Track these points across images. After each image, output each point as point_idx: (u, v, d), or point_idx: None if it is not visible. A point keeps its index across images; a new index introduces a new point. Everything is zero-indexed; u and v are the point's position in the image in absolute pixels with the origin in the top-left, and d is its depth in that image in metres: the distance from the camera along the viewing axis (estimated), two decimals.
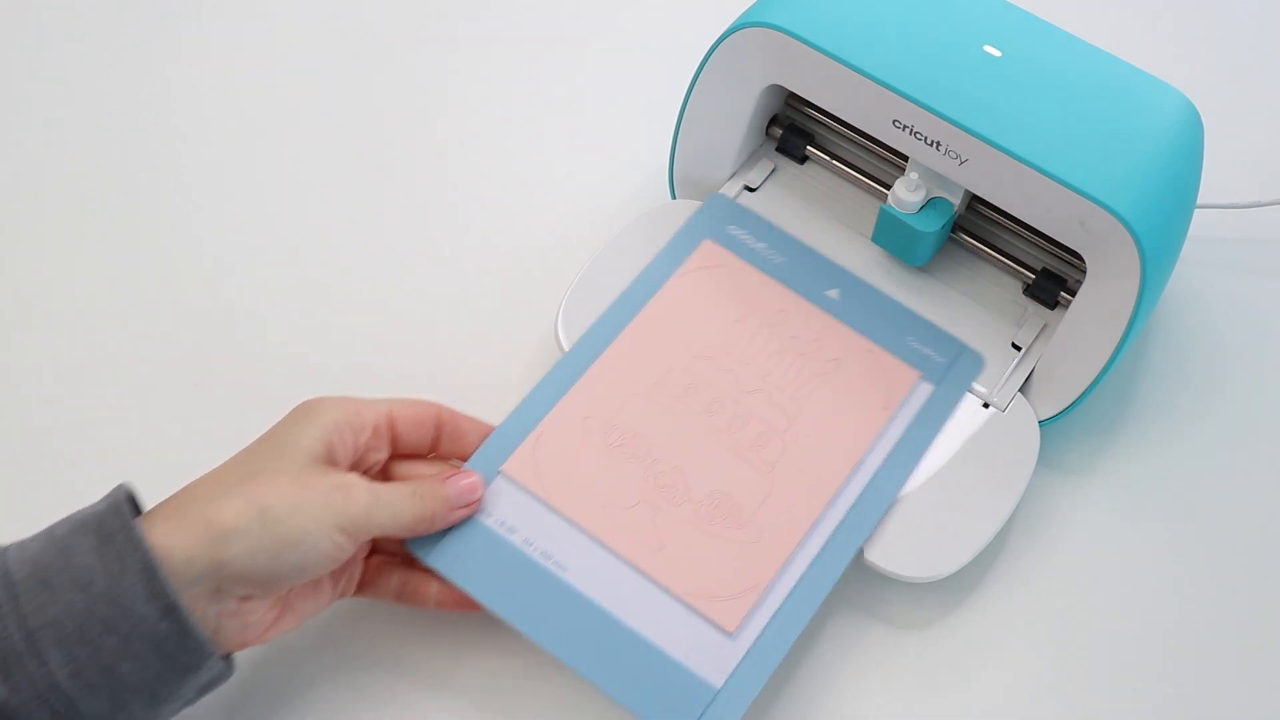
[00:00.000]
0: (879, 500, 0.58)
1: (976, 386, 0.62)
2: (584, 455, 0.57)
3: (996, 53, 0.60)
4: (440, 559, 0.54)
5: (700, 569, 0.55)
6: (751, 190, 0.69)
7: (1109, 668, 0.59)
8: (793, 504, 0.57)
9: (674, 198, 0.70)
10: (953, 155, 0.60)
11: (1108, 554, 0.62)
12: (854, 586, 0.60)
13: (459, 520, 0.55)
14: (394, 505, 0.52)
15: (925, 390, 0.61)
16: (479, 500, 0.55)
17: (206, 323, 0.68)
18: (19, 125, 0.75)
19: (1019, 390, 0.62)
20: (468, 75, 0.78)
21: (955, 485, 0.59)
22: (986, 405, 0.62)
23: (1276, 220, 0.73)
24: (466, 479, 0.55)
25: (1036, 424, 0.61)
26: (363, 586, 0.56)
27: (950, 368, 0.62)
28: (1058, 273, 0.65)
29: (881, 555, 0.57)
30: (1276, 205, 0.72)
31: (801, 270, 0.64)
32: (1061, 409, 0.62)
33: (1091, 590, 0.61)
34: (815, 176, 0.70)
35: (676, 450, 0.58)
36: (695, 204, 0.68)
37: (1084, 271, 0.60)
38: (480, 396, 0.60)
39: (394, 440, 0.55)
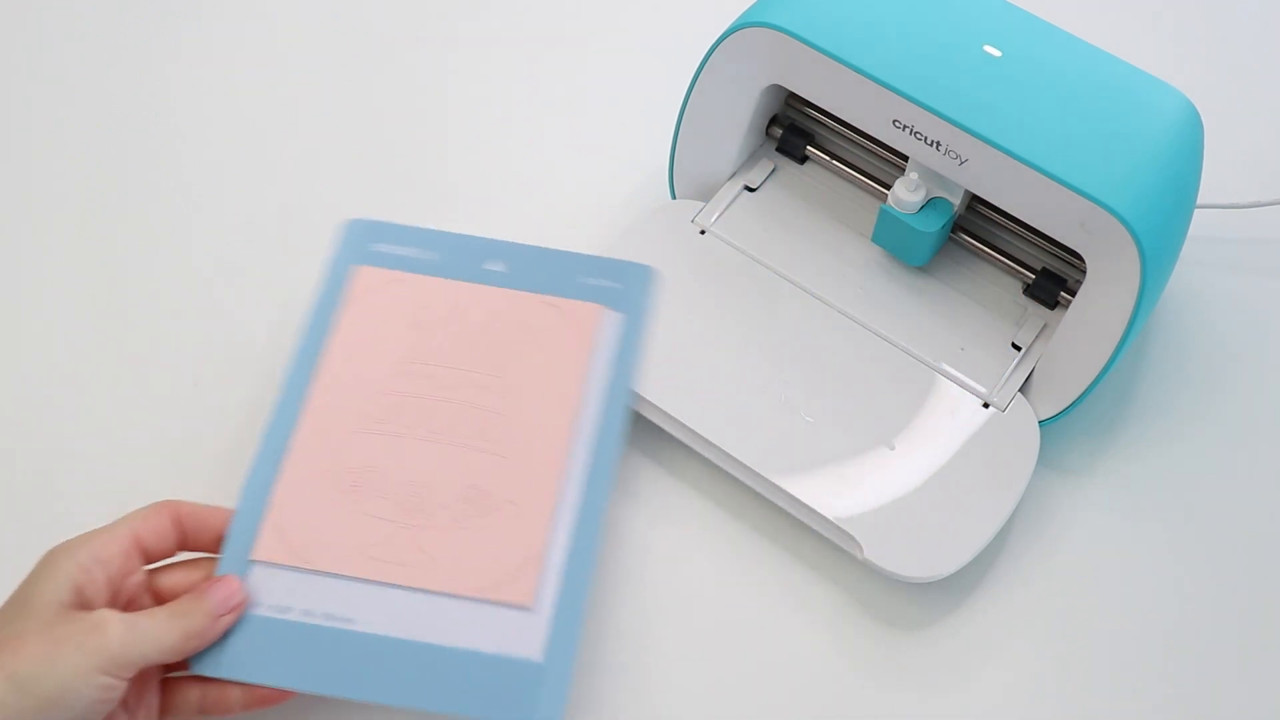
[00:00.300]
0: (614, 425, 0.59)
1: (974, 385, 0.62)
2: (326, 511, 0.56)
3: (996, 53, 0.60)
4: (230, 667, 0.53)
5: (476, 563, 0.55)
6: (751, 190, 0.69)
7: (1109, 667, 0.59)
8: (535, 468, 0.58)
9: (674, 198, 0.70)
10: (953, 155, 0.60)
11: (1108, 554, 0.62)
12: (854, 586, 0.60)
13: (228, 626, 0.53)
14: (154, 632, 0.50)
15: (614, 318, 0.61)
16: (244, 601, 0.53)
17: (207, 322, 0.68)
18: (19, 125, 0.75)
19: (1019, 390, 0.62)
20: (468, 75, 0.78)
21: (955, 485, 0.59)
22: (986, 405, 0.62)
23: (1276, 220, 0.73)
24: (225, 586, 0.53)
25: (1036, 424, 0.61)
26: (164, 712, 0.54)
27: (628, 288, 0.62)
28: (1058, 273, 0.65)
29: (881, 555, 0.57)
30: (1276, 205, 0.72)
31: (457, 257, 0.63)
32: (1061, 409, 0.62)
33: (1091, 590, 0.61)
34: (815, 176, 0.70)
35: (410, 468, 0.58)
36: (696, 204, 0.68)
37: (1084, 271, 0.60)
38: None
39: (144, 555, 0.53)
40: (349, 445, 0.58)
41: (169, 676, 0.54)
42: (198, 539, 0.55)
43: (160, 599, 0.54)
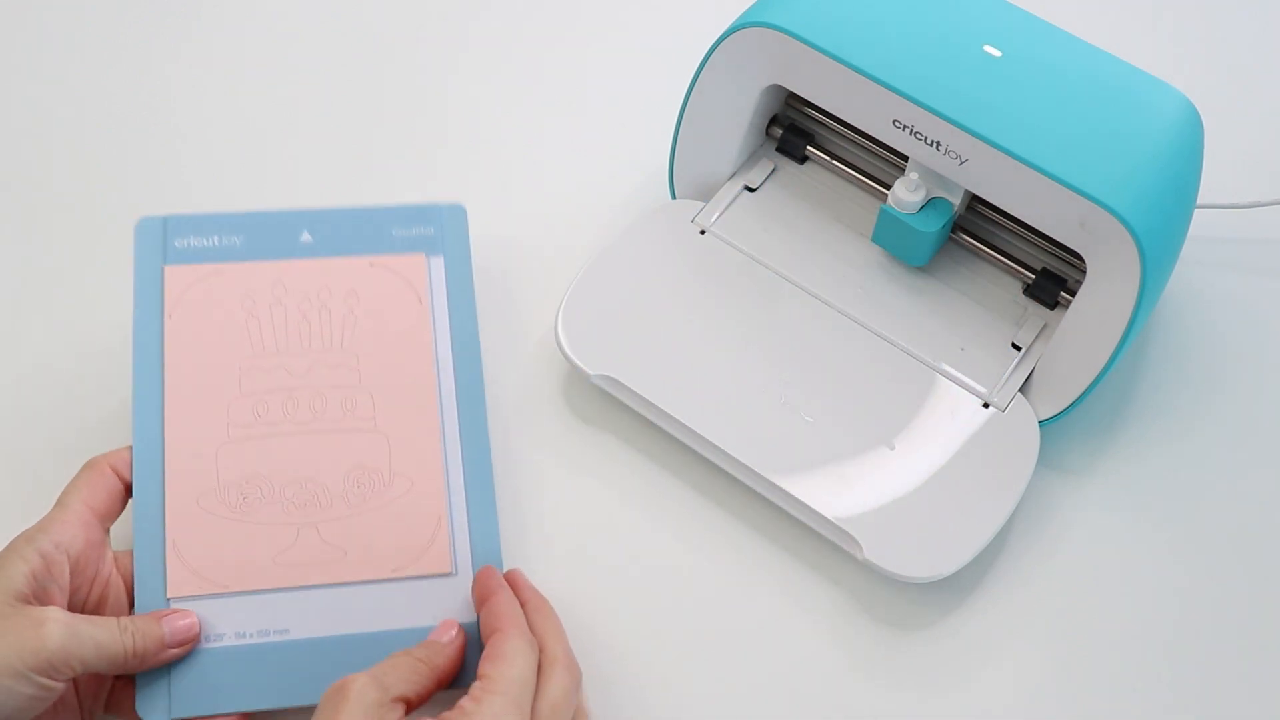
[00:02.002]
0: (472, 370, 0.60)
1: (974, 385, 0.62)
2: (223, 532, 0.56)
3: (996, 53, 0.60)
4: (179, 707, 0.53)
5: (386, 544, 0.56)
6: (751, 190, 0.69)
7: (1109, 667, 0.59)
8: (412, 434, 0.58)
9: (674, 198, 0.70)
10: (953, 155, 0.60)
11: (1108, 554, 0.62)
12: (854, 586, 0.60)
13: (175, 659, 0.53)
14: (98, 639, 0.49)
15: (437, 263, 0.62)
16: (195, 638, 0.53)
17: None
18: (19, 125, 0.75)
19: (1019, 390, 0.62)
20: (468, 75, 0.78)
21: (955, 485, 0.59)
22: (986, 405, 0.62)
23: (1276, 220, 0.73)
24: (183, 619, 0.53)
25: (1036, 424, 0.61)
26: (116, 708, 0.54)
27: (441, 230, 0.63)
28: (1058, 273, 0.65)
29: (881, 555, 0.57)
30: (1276, 205, 0.72)
31: (266, 236, 0.62)
32: (1061, 409, 0.62)
33: (1091, 590, 0.61)
34: (815, 176, 0.70)
35: (289, 467, 0.57)
36: (696, 204, 0.68)
37: (1084, 271, 0.60)
38: None
39: (102, 520, 0.54)
40: (222, 459, 0.57)
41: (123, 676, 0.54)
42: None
43: (128, 578, 0.54)
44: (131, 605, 0.55)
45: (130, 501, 0.56)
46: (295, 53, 0.79)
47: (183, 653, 0.53)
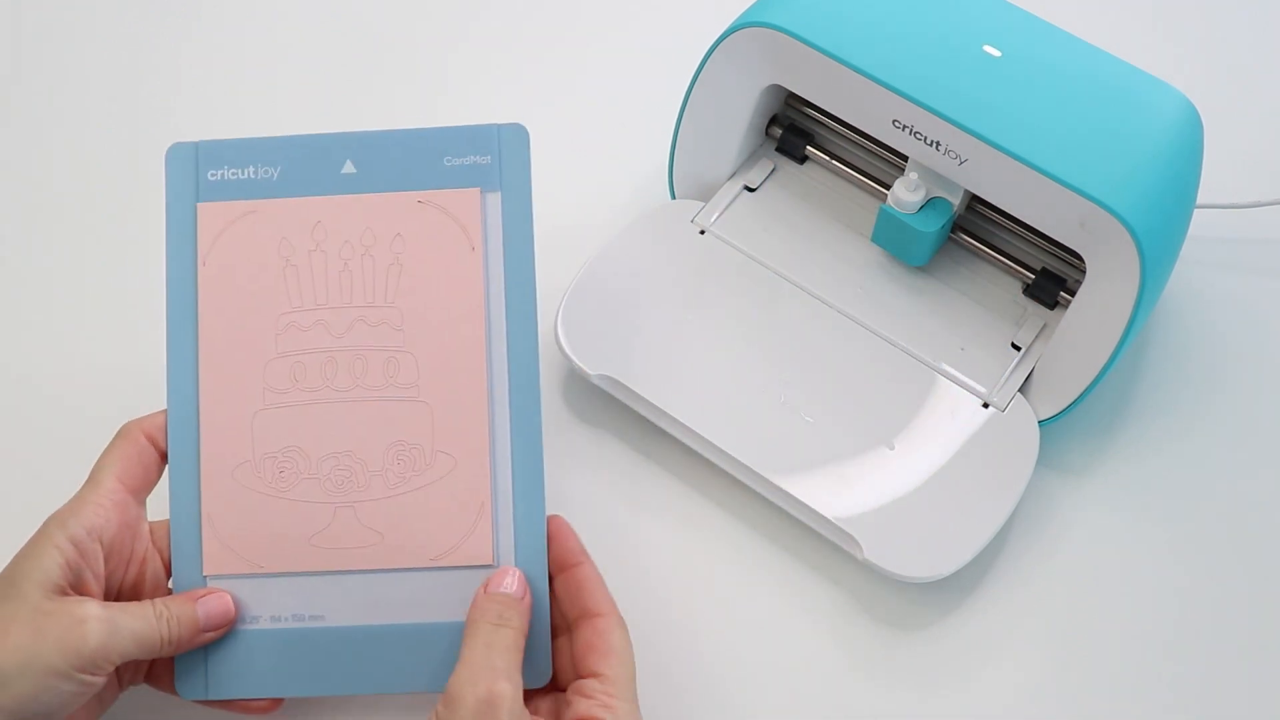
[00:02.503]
0: (526, 332, 0.54)
1: (974, 385, 0.62)
2: (259, 508, 0.53)
3: (996, 53, 0.60)
4: (214, 688, 0.52)
5: (425, 530, 0.53)
6: (751, 190, 0.69)
7: (1109, 668, 0.59)
8: (458, 408, 0.53)
9: (674, 198, 0.70)
10: (953, 155, 0.60)
11: (1108, 554, 0.62)
12: (854, 586, 0.60)
13: (211, 640, 0.52)
14: (136, 631, 0.49)
15: (494, 201, 0.55)
16: (232, 620, 0.52)
17: None
18: (19, 125, 0.75)
19: (1019, 390, 0.62)
20: (468, 75, 0.78)
21: (955, 485, 0.59)
22: (986, 405, 0.62)
23: (1276, 220, 0.73)
24: (218, 601, 0.52)
25: (1036, 424, 0.61)
26: (155, 681, 0.54)
27: (500, 158, 0.55)
28: (1058, 273, 0.65)
29: (881, 555, 0.57)
30: (1276, 205, 0.72)
31: (305, 166, 0.55)
32: (1061, 409, 0.62)
33: (1091, 590, 0.61)
34: (815, 176, 0.70)
35: (327, 439, 0.54)
36: (696, 204, 0.68)
37: (1084, 271, 0.60)
38: None
39: (136, 494, 0.52)
40: (258, 428, 0.54)
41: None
42: None
43: (165, 553, 0.53)
44: (169, 579, 0.54)
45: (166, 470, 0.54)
46: (295, 52, 0.79)
47: (219, 634, 0.52)
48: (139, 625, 0.49)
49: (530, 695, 0.52)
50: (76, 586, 0.49)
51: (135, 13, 0.80)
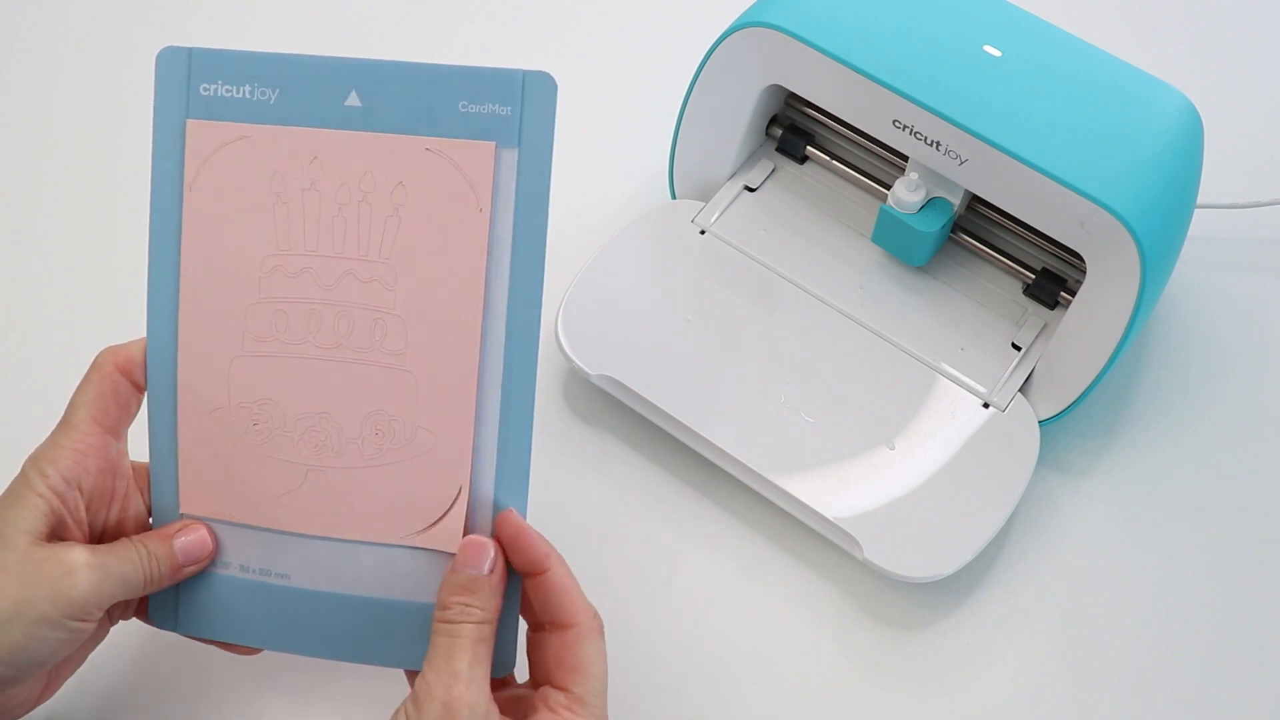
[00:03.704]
0: (528, 306, 0.49)
1: (974, 385, 0.62)
2: (232, 455, 0.51)
3: (996, 53, 0.60)
4: (185, 623, 0.52)
5: (399, 507, 0.50)
6: (751, 190, 0.69)
7: (1109, 668, 0.59)
8: (443, 378, 0.50)
9: (674, 198, 0.70)
10: (953, 155, 0.60)
11: (1108, 554, 0.62)
12: (854, 587, 0.60)
13: (189, 576, 0.52)
14: (124, 574, 0.49)
15: (509, 158, 0.49)
16: (210, 555, 0.52)
17: None
18: (19, 125, 0.75)
19: (1019, 390, 0.62)
20: None
21: (955, 485, 0.59)
22: (986, 405, 0.62)
23: (1276, 220, 0.73)
24: (196, 536, 0.51)
25: (1036, 424, 0.61)
26: (148, 614, 0.54)
27: (522, 109, 0.49)
28: (1058, 273, 0.65)
29: (881, 555, 0.57)
30: (1276, 205, 0.72)
31: (307, 92, 0.49)
32: (1061, 409, 0.62)
33: (1092, 590, 0.61)
34: (815, 176, 0.70)
35: (304, 397, 0.51)
36: (696, 204, 0.68)
37: (1084, 271, 0.60)
38: None
39: (114, 429, 0.51)
40: (235, 374, 0.51)
41: None
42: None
43: (145, 489, 0.53)
44: (150, 516, 0.53)
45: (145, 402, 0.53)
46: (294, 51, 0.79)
47: (199, 569, 0.52)
48: (126, 568, 0.49)
49: (500, 684, 0.51)
50: (60, 533, 0.49)
51: (135, 12, 0.80)
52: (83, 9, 0.80)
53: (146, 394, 0.51)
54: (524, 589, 0.51)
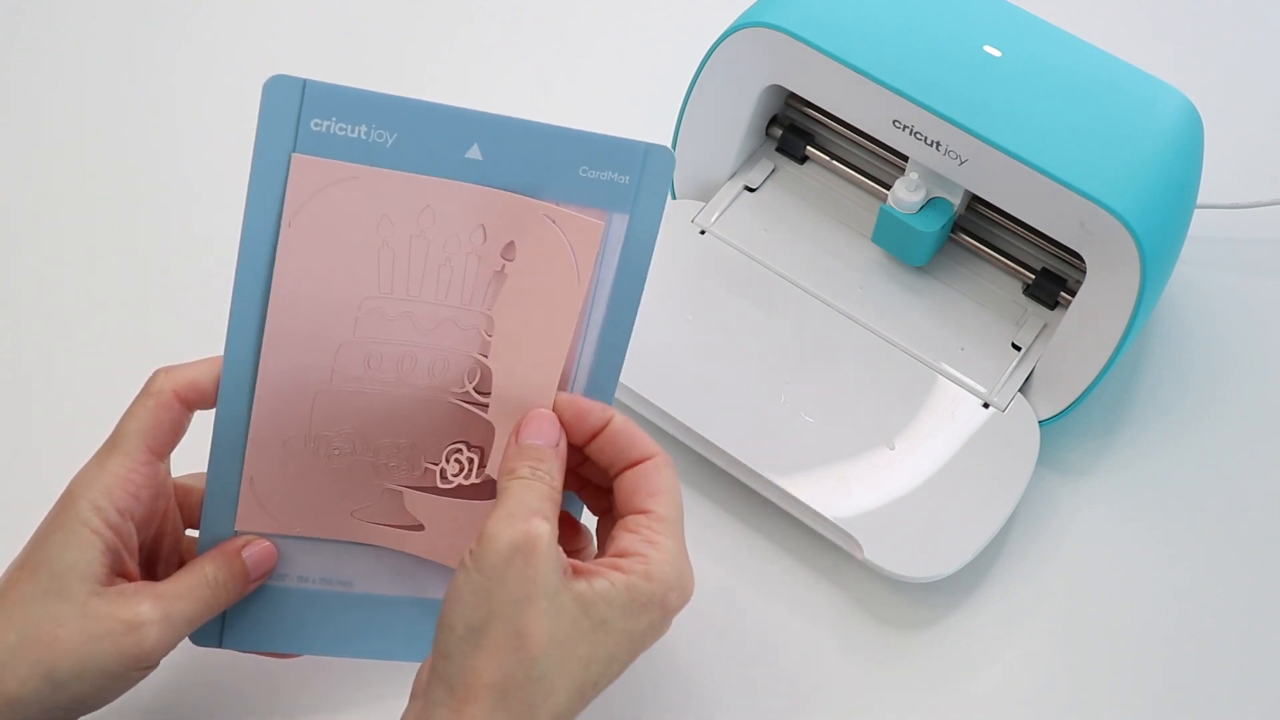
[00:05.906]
0: (608, 373, 0.51)
1: (974, 385, 0.62)
2: (304, 477, 0.51)
3: (996, 53, 0.60)
4: (231, 639, 0.52)
5: (465, 537, 0.49)
6: (751, 190, 0.69)
7: (1109, 667, 0.59)
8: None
9: (674, 198, 0.70)
10: (953, 155, 0.60)
11: (1108, 554, 0.62)
12: (854, 587, 0.60)
13: (252, 590, 0.51)
14: (188, 614, 0.48)
15: (620, 223, 0.50)
16: (273, 567, 0.51)
17: (207, 322, 0.68)
18: (18, 126, 0.75)
19: (1019, 390, 0.62)
20: (466, 75, 0.78)
21: (955, 485, 0.59)
22: (986, 405, 0.62)
23: (1276, 220, 0.73)
24: (259, 545, 0.51)
25: (1036, 424, 0.61)
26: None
27: (640, 181, 0.50)
28: (1058, 273, 0.65)
29: (882, 555, 0.57)
30: (1276, 205, 0.72)
31: (426, 140, 0.49)
32: (1061, 409, 0.62)
33: (1091, 590, 0.61)
34: (815, 176, 0.70)
35: (390, 427, 0.51)
36: (696, 204, 0.68)
37: (1084, 271, 0.60)
38: None
39: (163, 456, 0.50)
40: (319, 407, 0.51)
41: None
42: (206, 399, 0.50)
43: (189, 510, 0.52)
44: (184, 525, 0.53)
45: (203, 421, 0.52)
46: (294, 51, 0.79)
47: (260, 583, 0.52)
48: (191, 609, 0.48)
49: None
50: (116, 569, 0.48)
51: (135, 12, 0.80)
52: (83, 9, 0.80)
53: (216, 419, 0.50)
54: (591, 454, 0.50)
